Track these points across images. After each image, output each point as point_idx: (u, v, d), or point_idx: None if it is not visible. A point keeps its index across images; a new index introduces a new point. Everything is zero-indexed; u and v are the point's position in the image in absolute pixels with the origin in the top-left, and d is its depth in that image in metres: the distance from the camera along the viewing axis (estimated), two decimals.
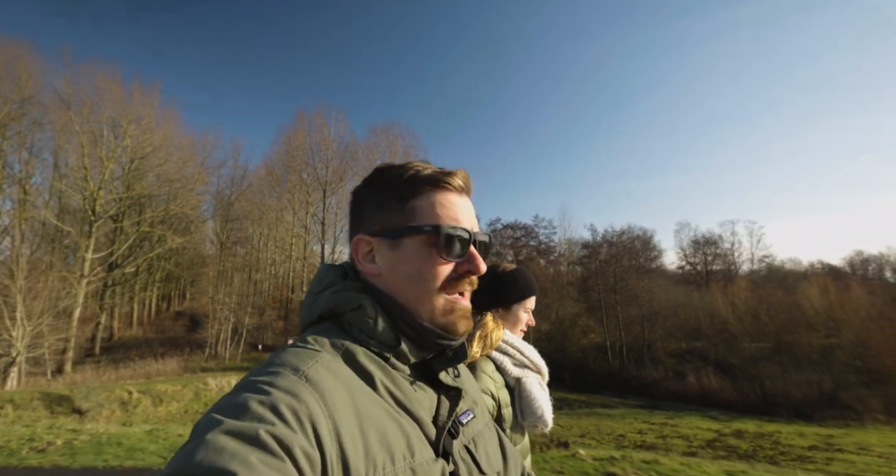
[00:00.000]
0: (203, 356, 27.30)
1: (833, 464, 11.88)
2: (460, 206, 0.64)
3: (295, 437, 0.42)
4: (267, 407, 0.43)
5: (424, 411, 0.59)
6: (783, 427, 16.66)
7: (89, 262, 25.52)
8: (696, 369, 23.35)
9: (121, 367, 21.46)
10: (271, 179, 42.25)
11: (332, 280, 0.65)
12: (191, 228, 34.95)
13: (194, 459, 0.37)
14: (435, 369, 0.65)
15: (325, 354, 0.54)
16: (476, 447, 0.64)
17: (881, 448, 13.88)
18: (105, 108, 26.33)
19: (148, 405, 14.01)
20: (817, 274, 32.55)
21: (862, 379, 19.70)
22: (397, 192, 0.64)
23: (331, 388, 0.49)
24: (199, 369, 22.30)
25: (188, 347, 28.25)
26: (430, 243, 0.61)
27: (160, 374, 20.07)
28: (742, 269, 44.55)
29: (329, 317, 0.63)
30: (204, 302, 32.06)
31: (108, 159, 26.62)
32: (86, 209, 26.50)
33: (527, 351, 1.30)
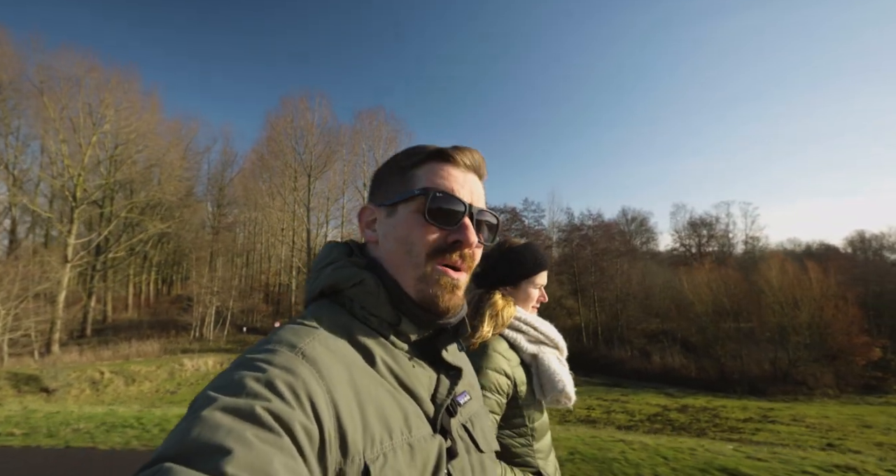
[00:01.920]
0: (188, 338, 28.13)
1: (758, 434, 12.62)
2: (460, 179, 0.64)
3: (292, 412, 0.42)
4: (263, 383, 0.43)
5: (423, 389, 0.59)
6: (731, 402, 17.45)
7: (72, 247, 26.00)
8: (663, 349, 24.10)
9: (105, 348, 22.24)
10: (261, 165, 42.30)
11: (335, 257, 0.66)
12: (175, 214, 35.21)
13: (190, 436, 0.37)
14: (437, 347, 0.65)
15: (323, 331, 0.55)
16: (473, 426, 0.66)
17: (814, 419, 14.66)
18: (80, 93, 26.26)
19: (119, 385, 14.69)
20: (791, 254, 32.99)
21: (815, 356, 20.42)
22: (401, 164, 0.65)
23: (328, 364, 0.50)
24: (179, 351, 23.08)
25: (174, 330, 29.07)
26: (420, 209, 0.61)
27: (140, 355, 20.83)
28: (736, 250, 44.71)
29: (331, 293, 0.63)
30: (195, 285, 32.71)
31: (88, 145, 26.75)
32: (66, 195, 26.82)
33: (542, 326, 1.27)
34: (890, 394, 19.18)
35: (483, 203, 0.67)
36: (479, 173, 0.68)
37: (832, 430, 13.31)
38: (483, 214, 0.65)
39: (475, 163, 0.66)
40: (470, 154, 0.65)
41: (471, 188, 0.64)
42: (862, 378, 19.85)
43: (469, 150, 0.66)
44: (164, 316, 37.29)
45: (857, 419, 14.64)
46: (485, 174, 0.69)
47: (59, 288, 24.43)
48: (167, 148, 32.48)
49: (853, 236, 41.48)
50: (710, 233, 46.18)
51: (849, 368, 20.13)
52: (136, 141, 30.29)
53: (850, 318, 20.47)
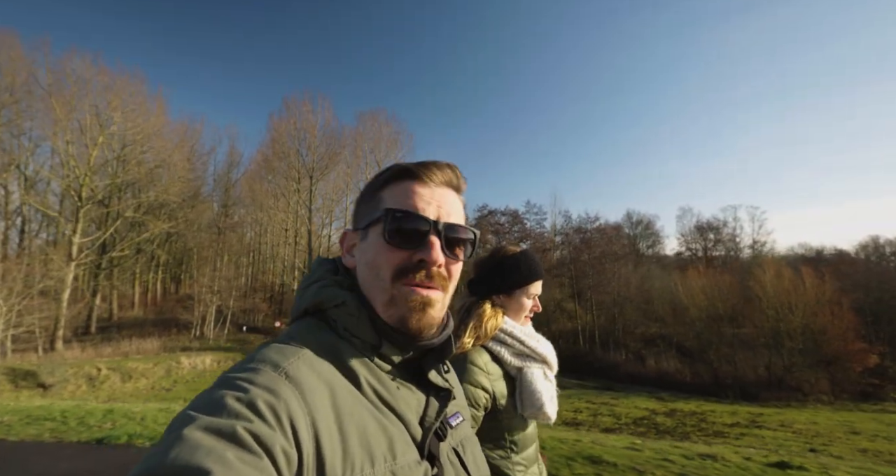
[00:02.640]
0: (189, 337, 28.62)
1: (742, 438, 12.62)
2: (425, 195, 0.61)
3: (273, 434, 0.41)
4: (244, 404, 0.42)
5: (411, 412, 0.58)
6: (722, 407, 17.39)
7: (77, 246, 26.62)
8: (658, 353, 24.04)
9: (107, 345, 22.74)
10: (265, 166, 42.87)
11: (320, 274, 0.65)
12: (179, 215, 35.84)
13: (168, 457, 0.36)
14: (424, 369, 0.63)
15: (308, 351, 0.53)
16: (464, 450, 0.64)
17: (802, 425, 14.59)
18: (87, 96, 26.95)
19: (116, 381, 15.06)
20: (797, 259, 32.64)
21: (810, 362, 20.26)
22: (372, 186, 0.65)
23: (312, 386, 0.48)
24: (178, 349, 23.51)
25: (175, 328, 29.60)
26: (381, 231, 0.60)
27: (140, 352, 21.28)
28: (743, 254, 43.94)
29: (314, 311, 0.62)
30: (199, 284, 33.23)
31: (94, 146, 27.41)
32: (71, 195, 27.47)
33: (529, 341, 1.22)
34: (886, 401, 18.98)
35: (458, 217, 0.64)
36: (452, 187, 0.65)
37: (818, 435, 13.26)
38: (455, 230, 0.62)
39: (446, 177, 0.64)
40: (438, 169, 0.63)
41: (438, 204, 0.62)
42: (858, 385, 19.65)
43: (437, 165, 0.63)
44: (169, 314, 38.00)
45: (846, 425, 14.55)
46: (462, 187, 0.67)
47: (64, 286, 25.04)
48: (172, 149, 33.09)
49: (867, 241, 40.91)
50: (716, 237, 45.63)
51: (845, 375, 19.94)
52: (143, 142, 30.97)
53: (846, 324, 20.28)
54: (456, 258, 0.62)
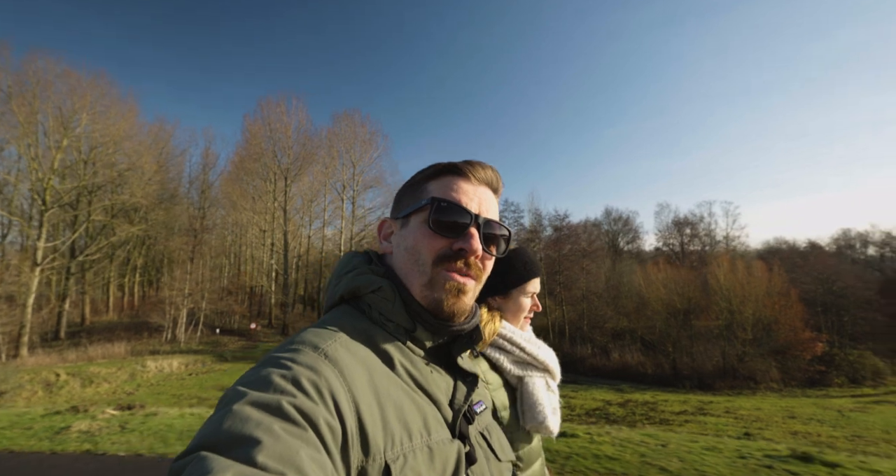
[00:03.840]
0: (160, 340, 28.34)
1: (686, 425, 13.27)
2: (469, 191, 0.65)
3: (316, 408, 0.44)
4: (289, 380, 0.46)
5: (441, 393, 0.61)
6: (675, 396, 18.14)
7: (42, 251, 26.12)
8: (623, 346, 24.80)
9: (74, 350, 22.43)
10: (241, 168, 42.50)
11: (355, 264, 0.69)
12: (150, 217, 35.37)
13: (222, 427, 0.39)
14: (453, 354, 0.66)
15: (344, 335, 0.57)
16: (490, 435, 0.67)
17: (746, 411, 15.37)
18: (49, 98, 26.44)
19: (76, 386, 14.98)
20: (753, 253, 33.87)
21: (762, 351, 21.22)
22: (416, 179, 0.69)
23: (349, 365, 0.52)
24: (147, 352, 23.32)
25: (146, 332, 29.27)
26: (426, 218, 0.63)
27: (106, 356, 21.05)
28: (718, 249, 44.88)
29: (350, 298, 0.66)
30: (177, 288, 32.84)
31: (57, 149, 26.90)
32: (35, 199, 26.94)
33: (530, 347, 1.15)
34: (831, 387, 20.04)
35: (495, 215, 0.68)
36: (492, 187, 0.70)
37: (758, 420, 14.02)
38: (492, 226, 0.66)
39: (487, 177, 0.68)
40: (482, 168, 0.67)
41: (480, 200, 0.66)
42: (806, 372, 20.68)
43: (482, 165, 0.68)
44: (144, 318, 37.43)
45: (787, 411, 15.38)
46: (499, 188, 0.71)
47: (29, 291, 24.57)
48: (140, 151, 32.62)
49: (838, 234, 42.57)
50: (692, 232, 46.78)
51: (794, 363, 20.95)
52: (112, 144, 30.47)
53: (795, 315, 21.32)
54: (490, 253, 0.67)
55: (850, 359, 21.05)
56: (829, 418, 14.12)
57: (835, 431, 12.70)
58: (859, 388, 19.66)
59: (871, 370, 20.51)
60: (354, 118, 41.19)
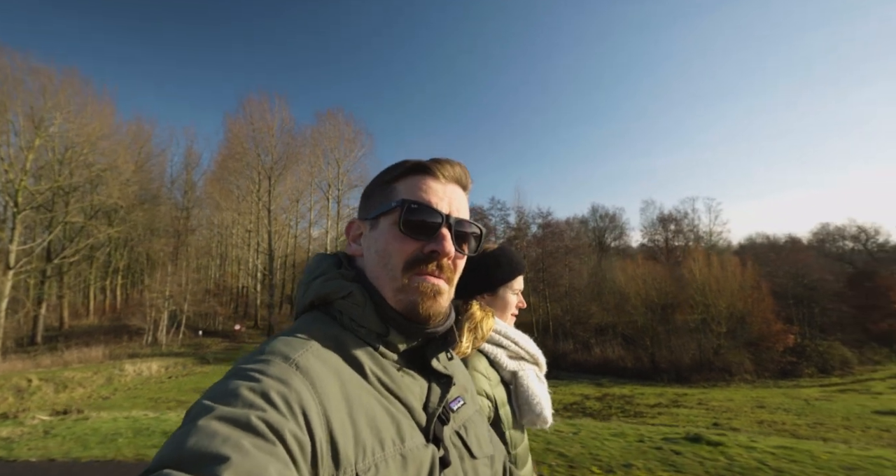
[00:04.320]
0: (141, 343, 27.90)
1: (658, 417, 13.64)
2: (438, 190, 0.64)
3: (286, 422, 0.43)
4: (258, 393, 0.44)
5: (415, 398, 0.60)
6: (652, 390, 18.58)
7: (14, 254, 25.46)
8: (605, 341, 25.25)
9: (51, 355, 21.96)
10: (224, 168, 41.93)
11: (324, 269, 0.67)
12: (129, 218, 34.71)
13: (187, 444, 0.38)
14: (426, 357, 0.65)
15: (315, 343, 0.56)
16: (467, 433, 0.66)
17: (718, 402, 15.83)
18: (19, 96, 25.74)
19: (49, 392, 14.71)
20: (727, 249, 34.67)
21: (736, 344, 21.85)
22: (384, 178, 0.67)
23: (321, 376, 0.51)
24: (126, 355, 22.96)
25: (126, 335, 28.76)
26: (396, 220, 0.62)
27: (83, 361, 20.66)
28: (701, 244, 45.40)
29: (320, 304, 0.64)
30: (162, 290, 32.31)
31: (29, 149, 26.22)
32: (6, 201, 26.23)
33: (521, 341, 1.19)
34: (801, 377, 20.72)
35: (465, 214, 0.67)
36: (461, 184, 0.69)
37: (728, 411, 14.47)
38: (463, 225, 0.66)
39: (456, 174, 0.67)
40: (450, 166, 0.66)
41: (450, 200, 0.65)
42: (779, 363, 21.35)
43: (450, 162, 0.67)
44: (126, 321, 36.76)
45: (757, 401, 15.89)
46: (468, 185, 0.70)
47: (1, 296, 23.95)
48: (118, 151, 31.94)
49: (818, 228, 43.67)
50: (676, 228, 47.39)
51: (768, 355, 21.62)
52: (88, 144, 29.78)
53: (767, 307, 22.00)
54: (463, 252, 0.66)
55: (820, 350, 21.78)
56: (796, 407, 14.65)
57: (799, 419, 13.19)
58: (828, 377, 20.38)
59: (839, 360, 21.26)
60: (338, 117, 41.00)
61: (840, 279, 28.34)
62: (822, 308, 25.92)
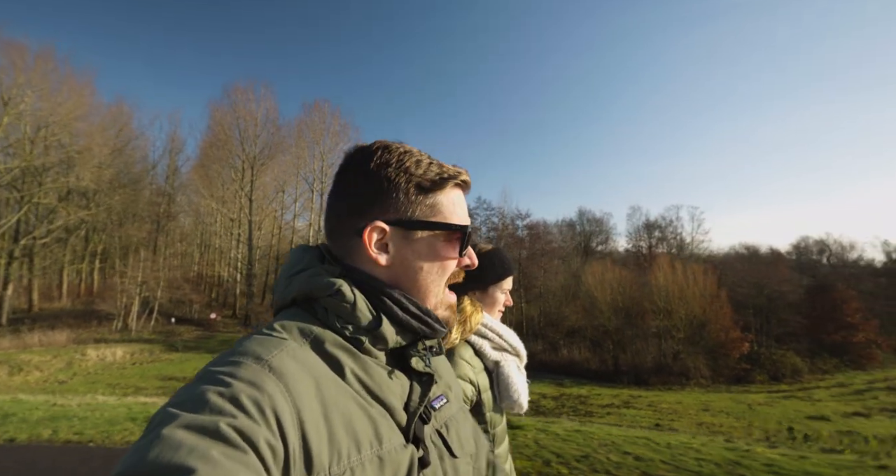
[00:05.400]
0: (110, 328, 27.59)
1: (606, 417, 14.19)
2: (465, 205, 0.67)
3: (258, 429, 0.41)
4: (227, 399, 0.42)
5: (395, 398, 0.58)
6: (609, 391, 19.21)
7: None
8: (572, 343, 25.88)
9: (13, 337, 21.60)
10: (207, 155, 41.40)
11: (308, 263, 0.63)
12: (105, 202, 34.12)
13: (148, 457, 0.35)
14: (407, 356, 0.63)
15: (292, 342, 0.53)
16: (448, 431, 0.65)
17: (667, 404, 16.48)
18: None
19: (2, 374, 14.58)
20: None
21: (696, 350, 22.68)
22: (420, 183, 0.62)
23: (295, 378, 0.48)
24: (92, 340, 22.72)
25: (95, 320, 28.39)
26: (451, 240, 0.63)
27: (46, 344, 20.43)
28: (683, 252, 46.09)
29: (303, 301, 0.61)
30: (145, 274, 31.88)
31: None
32: None
33: (505, 334, 1.30)
34: (753, 383, 21.63)
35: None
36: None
37: (674, 413, 15.11)
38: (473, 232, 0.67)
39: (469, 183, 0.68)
40: (467, 175, 0.67)
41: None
42: (734, 370, 22.24)
43: (466, 171, 0.67)
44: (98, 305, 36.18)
45: (704, 404, 16.59)
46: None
47: None
48: (92, 133, 31.33)
49: (798, 241, 45.28)
50: (660, 235, 48.37)
51: (724, 361, 22.50)
52: (60, 125, 29.16)
53: (725, 315, 22.90)
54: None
55: (774, 358, 22.72)
56: (738, 411, 15.37)
57: (737, 422, 13.88)
58: (777, 384, 21.30)
59: (790, 368, 22.22)
60: (325, 109, 40.80)
61: (800, 291, 29.51)
62: (780, 318, 27.01)
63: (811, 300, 27.60)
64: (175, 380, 16.77)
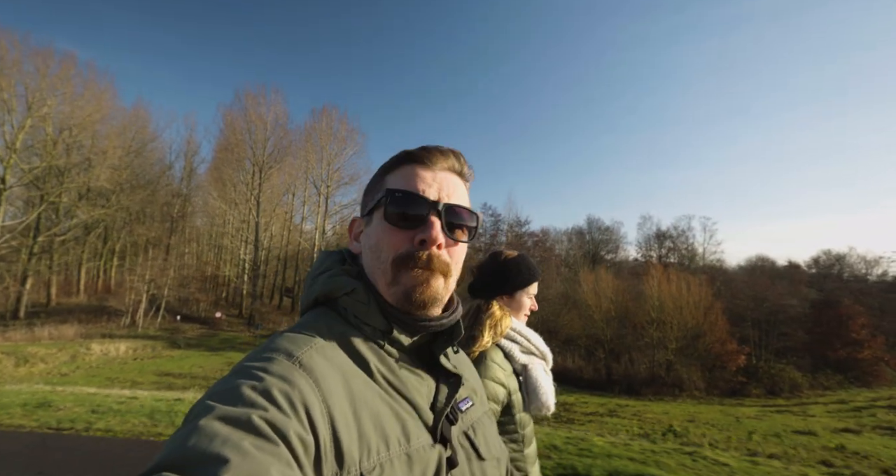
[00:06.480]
0: (119, 324, 28.60)
1: (587, 424, 14.21)
2: (427, 178, 0.62)
3: (289, 421, 0.42)
4: (260, 392, 0.43)
5: (422, 397, 0.59)
6: (597, 399, 19.13)
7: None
8: (566, 351, 25.80)
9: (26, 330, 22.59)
10: (220, 158, 42.70)
11: (328, 265, 0.66)
12: (121, 202, 35.50)
13: (187, 445, 0.37)
14: (434, 353, 0.64)
15: (320, 340, 0.55)
16: (475, 434, 0.65)
17: (652, 414, 16.37)
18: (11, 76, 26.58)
19: (8, 365, 15.34)
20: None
21: (690, 361, 22.41)
22: (379, 172, 0.67)
23: (325, 374, 0.50)
24: (98, 335, 23.61)
25: (106, 316, 29.47)
26: (383, 212, 0.62)
27: (55, 337, 21.32)
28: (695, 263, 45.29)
29: (325, 301, 0.64)
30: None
31: (19, 129, 27.05)
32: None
33: (533, 338, 1.33)
34: (749, 397, 21.24)
35: (461, 201, 0.64)
36: (456, 172, 0.66)
37: (658, 423, 15.01)
38: (455, 212, 0.62)
39: (449, 162, 0.65)
40: (441, 153, 0.64)
41: (440, 186, 0.63)
42: (729, 383, 21.88)
43: (440, 150, 0.64)
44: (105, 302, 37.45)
45: (691, 415, 16.41)
46: (465, 172, 0.68)
47: None
48: (110, 135, 32.76)
49: (818, 254, 44.09)
50: (671, 245, 47.61)
51: (721, 373, 22.17)
52: (82, 127, 30.63)
53: (721, 327, 22.60)
54: (456, 240, 0.63)
55: (772, 372, 22.29)
56: (723, 423, 15.18)
57: (720, 434, 13.73)
58: (774, 399, 20.88)
59: (788, 383, 21.75)
60: (333, 114, 41.72)
61: (806, 305, 28.89)
62: (781, 332, 26.47)
63: (817, 315, 27.01)
64: (171, 375, 17.37)
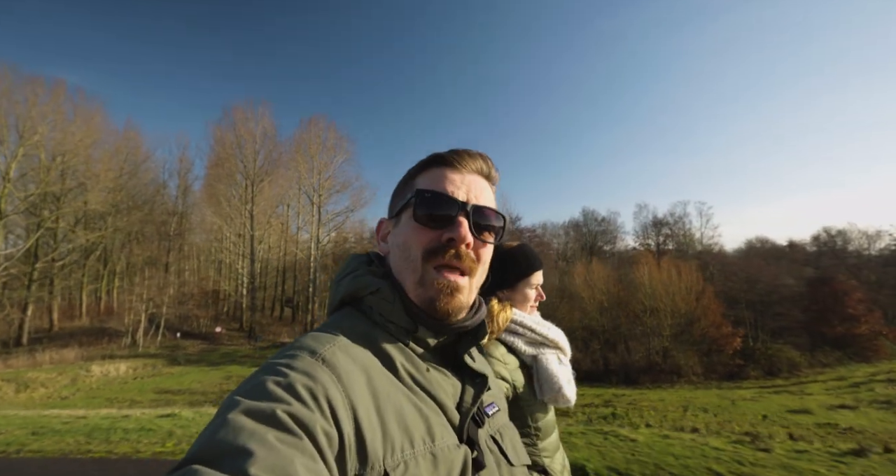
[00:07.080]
0: (120, 344, 28.83)
1: (576, 416, 14.33)
2: (456, 180, 0.64)
3: (312, 415, 0.43)
4: (284, 387, 0.45)
5: (447, 397, 0.59)
6: (594, 390, 19.19)
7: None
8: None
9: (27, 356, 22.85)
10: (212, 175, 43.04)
11: (354, 267, 0.68)
12: (117, 224, 35.82)
13: (215, 438, 0.39)
14: (459, 353, 0.65)
15: (344, 338, 0.56)
16: (503, 439, 0.65)
17: (649, 402, 16.46)
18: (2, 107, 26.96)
19: (9, 392, 15.55)
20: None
21: (684, 347, 22.46)
22: (407, 175, 0.69)
23: (348, 370, 0.51)
24: (99, 357, 23.83)
25: (107, 337, 29.71)
26: (412, 211, 0.63)
27: (56, 362, 21.56)
28: (693, 248, 45.24)
29: (351, 301, 0.65)
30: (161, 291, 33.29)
31: (12, 159, 27.42)
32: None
33: (540, 328, 1.28)
34: (747, 379, 21.28)
35: (488, 203, 0.66)
36: (483, 175, 0.68)
37: (652, 410, 15.10)
38: (483, 214, 0.64)
39: (477, 165, 0.67)
40: (469, 156, 0.67)
41: (468, 188, 0.65)
42: (727, 366, 21.90)
43: (469, 153, 0.67)
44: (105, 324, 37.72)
45: (686, 401, 16.49)
46: (493, 176, 0.70)
47: None
48: (102, 159, 33.13)
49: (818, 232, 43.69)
50: (669, 232, 47.45)
51: (718, 358, 22.20)
52: (72, 153, 30.99)
53: (715, 311, 22.63)
54: (484, 241, 0.65)
55: (769, 353, 22.31)
56: (718, 407, 15.27)
57: (714, 419, 13.84)
58: (772, 379, 20.91)
59: (786, 363, 21.77)
60: (321, 123, 42.02)
61: (800, 284, 28.88)
62: (775, 313, 26.47)
63: (812, 293, 27.00)
64: (170, 392, 17.54)
